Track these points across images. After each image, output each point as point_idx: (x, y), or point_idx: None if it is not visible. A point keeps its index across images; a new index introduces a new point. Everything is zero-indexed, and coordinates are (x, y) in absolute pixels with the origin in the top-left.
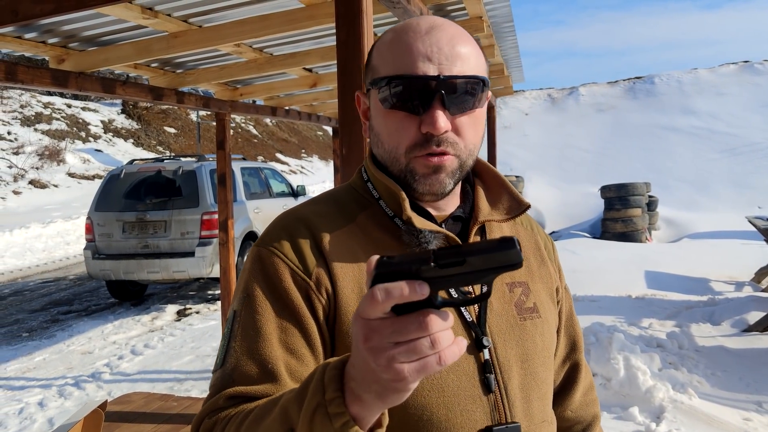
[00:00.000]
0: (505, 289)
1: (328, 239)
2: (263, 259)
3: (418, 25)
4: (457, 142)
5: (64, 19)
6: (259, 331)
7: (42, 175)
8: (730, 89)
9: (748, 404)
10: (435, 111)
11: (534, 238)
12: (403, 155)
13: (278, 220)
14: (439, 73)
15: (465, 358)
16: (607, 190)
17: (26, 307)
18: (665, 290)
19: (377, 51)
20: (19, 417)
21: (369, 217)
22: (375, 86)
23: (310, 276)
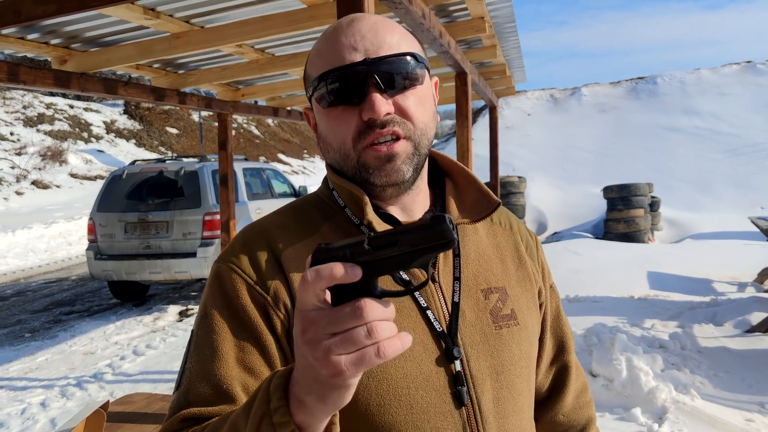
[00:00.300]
0: (480, 296)
1: (288, 252)
2: (221, 275)
3: (339, 23)
4: (405, 122)
5: (66, 20)
6: (215, 351)
7: (44, 175)
8: (733, 89)
9: (751, 405)
10: (371, 95)
11: (513, 239)
12: (351, 149)
13: (240, 233)
14: (366, 57)
15: (435, 370)
16: (610, 190)
17: (28, 308)
18: (668, 291)
19: (309, 60)
20: (21, 417)
21: (333, 227)
22: (311, 91)
23: (268, 291)
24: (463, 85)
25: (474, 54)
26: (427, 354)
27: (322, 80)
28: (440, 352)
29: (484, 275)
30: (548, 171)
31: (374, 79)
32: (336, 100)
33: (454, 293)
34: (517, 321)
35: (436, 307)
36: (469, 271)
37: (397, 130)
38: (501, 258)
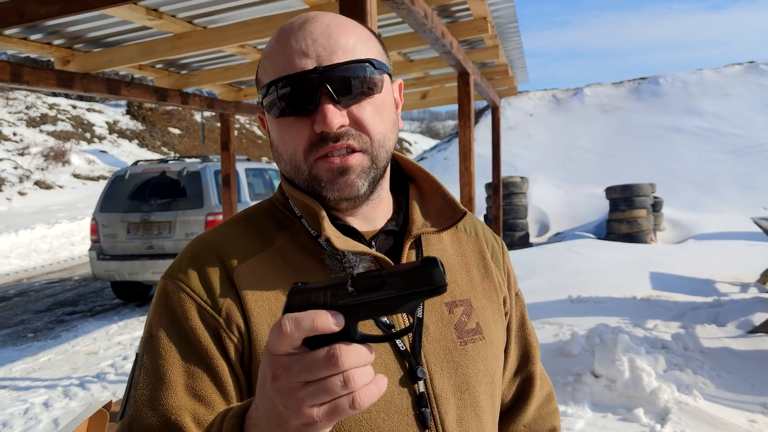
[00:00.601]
0: (444, 311)
1: (242, 268)
2: (168, 293)
3: (291, 23)
4: (361, 135)
5: (69, 21)
6: (162, 378)
7: (47, 176)
8: (736, 90)
9: (754, 406)
10: (323, 107)
11: (478, 246)
12: (303, 161)
13: (188, 246)
14: (318, 64)
15: (398, 392)
16: (612, 191)
17: (31, 308)
18: (670, 291)
19: (260, 63)
20: (24, 417)
21: (289, 239)
22: (261, 98)
23: (220, 312)
24: (466, 85)
25: (476, 54)
26: (389, 375)
27: (272, 88)
28: (403, 372)
29: (448, 288)
30: (550, 171)
31: (326, 89)
32: (287, 110)
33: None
34: (482, 335)
35: (400, 324)
36: None
37: (351, 144)
38: (466, 268)
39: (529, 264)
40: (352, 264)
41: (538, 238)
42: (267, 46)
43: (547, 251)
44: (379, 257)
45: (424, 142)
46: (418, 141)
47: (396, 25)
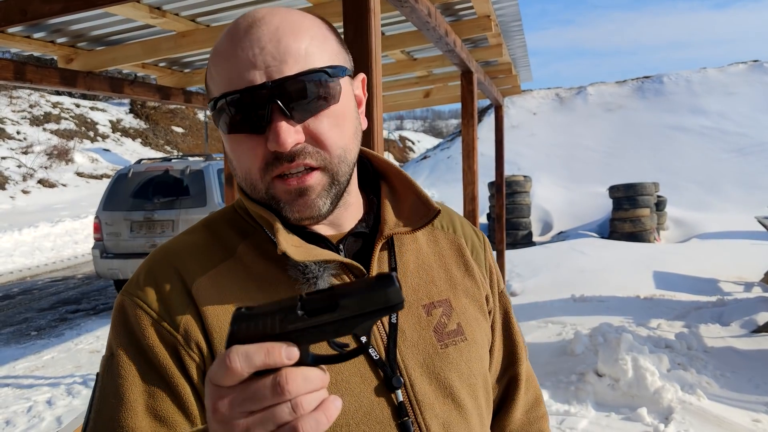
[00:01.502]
0: (422, 313)
1: (201, 280)
2: (125, 310)
3: (237, 26)
4: (319, 152)
5: (72, 19)
6: (122, 398)
7: (50, 174)
8: (740, 89)
9: (758, 405)
10: (275, 124)
11: (457, 243)
12: (259, 180)
13: (147, 258)
14: (267, 78)
15: (377, 402)
16: (616, 189)
17: (35, 306)
18: (674, 291)
19: (207, 69)
20: (27, 415)
21: (251, 247)
22: (210, 110)
23: (178, 329)
24: (469, 84)
25: (480, 53)
26: (365, 385)
27: (220, 102)
28: (379, 382)
29: (425, 289)
30: (554, 170)
31: (278, 105)
32: (235, 126)
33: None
34: (464, 336)
35: (372, 332)
36: (408, 286)
37: (308, 162)
38: (444, 267)
39: (532, 263)
40: (316, 274)
41: (541, 237)
42: (213, 47)
43: (550, 250)
44: (346, 263)
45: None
46: (421, 140)
47: (399, 23)
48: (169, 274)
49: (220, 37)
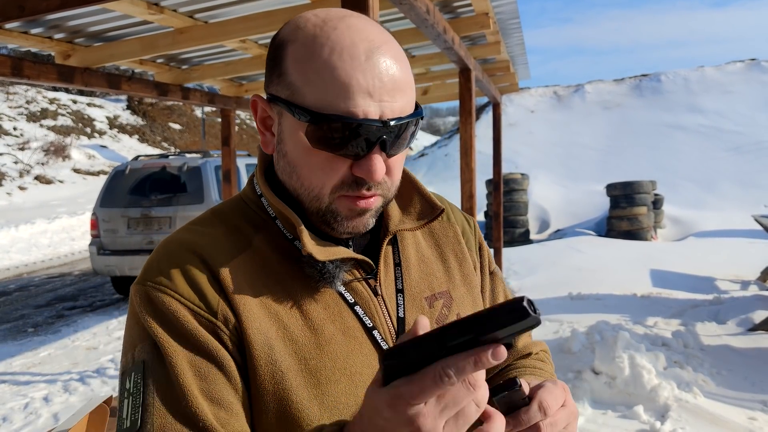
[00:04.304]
0: (425, 305)
1: (226, 270)
2: (154, 300)
3: (353, 46)
4: (387, 182)
5: (70, 15)
6: (178, 385)
7: (47, 170)
8: (737, 87)
9: (754, 403)
10: (374, 156)
11: (452, 231)
12: (326, 195)
13: (163, 250)
14: (381, 114)
15: None
16: (613, 188)
17: (31, 303)
18: (671, 289)
19: (296, 62)
20: (24, 412)
21: (265, 241)
22: (295, 114)
23: (216, 315)
24: (467, 81)
25: (478, 50)
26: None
27: (323, 120)
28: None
29: (427, 281)
30: (551, 168)
31: (384, 142)
32: (331, 147)
33: (399, 307)
34: None
35: (382, 325)
36: (411, 280)
37: (379, 192)
38: (442, 258)
39: (529, 261)
40: (332, 273)
41: (538, 235)
42: (314, 47)
43: (548, 248)
44: (359, 259)
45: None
46: (419, 137)
47: (398, 20)
48: (195, 263)
49: (328, 40)
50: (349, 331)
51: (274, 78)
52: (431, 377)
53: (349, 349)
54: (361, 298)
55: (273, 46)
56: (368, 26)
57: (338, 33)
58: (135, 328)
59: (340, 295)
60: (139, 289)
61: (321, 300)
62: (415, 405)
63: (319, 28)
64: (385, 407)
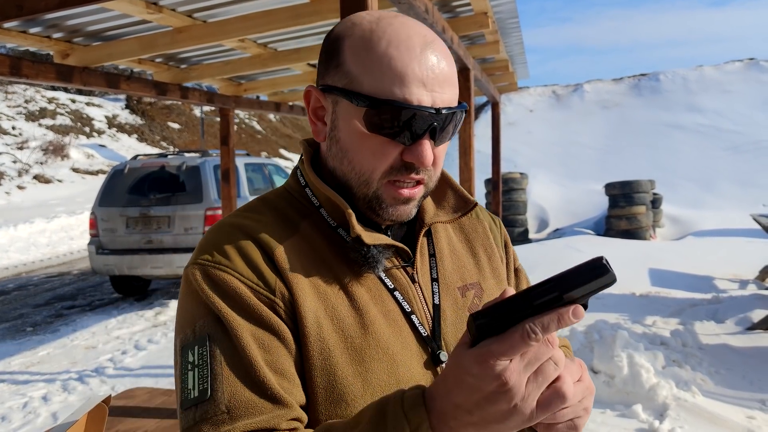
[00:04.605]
0: (458, 295)
1: (279, 252)
2: (214, 278)
3: (409, 39)
4: (431, 171)
5: (68, 14)
6: (245, 357)
7: (46, 170)
8: (736, 87)
9: (752, 402)
10: (424, 143)
11: (481, 228)
12: (376, 180)
13: (217, 233)
14: (433, 102)
15: (423, 374)
16: (612, 187)
17: (30, 302)
18: (669, 288)
19: (354, 53)
20: (23, 411)
21: (311, 227)
22: (353, 100)
23: (274, 293)
24: (466, 80)
25: (477, 50)
26: (415, 359)
27: (381, 105)
28: (427, 356)
29: (459, 272)
30: (550, 167)
31: (434, 129)
32: (385, 130)
33: (434, 295)
34: None
35: (419, 310)
36: (445, 270)
37: (424, 178)
38: (472, 252)
39: (527, 260)
40: (376, 257)
41: (537, 234)
42: (372, 38)
43: (546, 247)
44: (399, 247)
45: None
46: None
47: None
48: (250, 245)
49: (386, 32)
50: (389, 314)
51: (330, 69)
52: (519, 334)
53: (390, 331)
54: (400, 285)
55: (329, 41)
56: (419, 24)
57: (394, 28)
58: (194, 304)
59: (380, 280)
60: (198, 269)
61: (364, 284)
62: (502, 361)
63: (375, 24)
64: (474, 364)
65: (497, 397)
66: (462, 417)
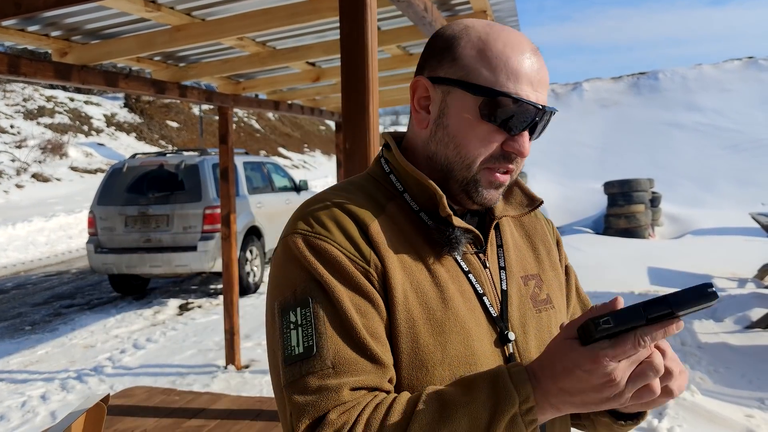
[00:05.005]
0: (521, 283)
1: (373, 227)
2: (315, 247)
3: (522, 45)
4: (520, 164)
5: (66, 12)
6: (345, 319)
7: (45, 168)
8: (735, 85)
9: (751, 401)
10: (526, 135)
11: (539, 225)
12: (476, 164)
13: (315, 206)
14: (537, 100)
15: (492, 352)
16: (611, 186)
17: (29, 301)
18: (668, 286)
19: (472, 49)
20: (21, 410)
21: (396, 208)
22: (469, 90)
23: (369, 263)
24: None
25: None
26: (486, 336)
27: (501, 98)
28: (496, 335)
29: (521, 263)
30: (549, 166)
31: (535, 124)
32: (495, 119)
33: (502, 281)
34: (552, 305)
35: (490, 293)
36: (510, 260)
37: (514, 169)
38: (532, 246)
39: None
40: (459, 239)
41: None
42: (489, 39)
43: None
44: (475, 234)
45: None
46: None
47: (395, 18)
48: (346, 219)
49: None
50: (465, 293)
51: (445, 63)
52: (631, 342)
53: (466, 309)
54: (474, 268)
55: (442, 39)
56: (524, 35)
57: (507, 33)
58: (295, 270)
59: (457, 262)
60: (300, 238)
61: (443, 264)
62: (613, 362)
63: (490, 27)
64: (588, 361)
65: (602, 388)
66: (563, 397)
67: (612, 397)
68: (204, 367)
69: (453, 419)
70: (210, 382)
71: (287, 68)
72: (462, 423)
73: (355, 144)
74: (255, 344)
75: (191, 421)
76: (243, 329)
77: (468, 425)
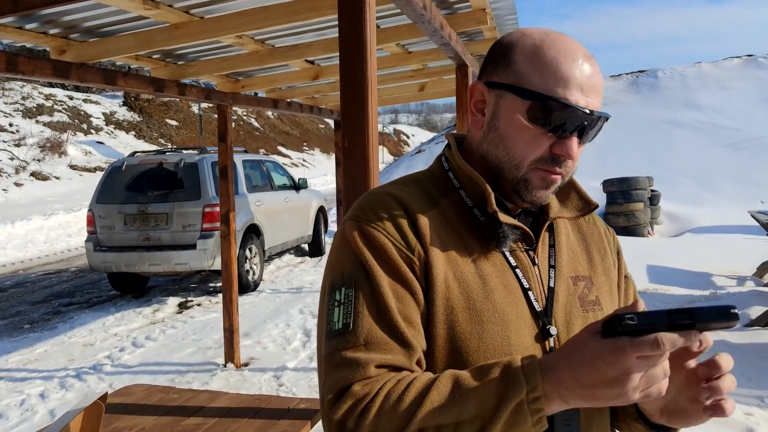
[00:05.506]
0: (570, 283)
1: (422, 220)
2: (366, 233)
3: (575, 51)
4: (570, 167)
5: (64, 10)
6: (383, 302)
7: (43, 167)
8: (734, 83)
9: (750, 399)
10: (574, 139)
11: (597, 231)
12: (525, 165)
13: (374, 197)
14: (587, 105)
15: (532, 344)
16: (610, 184)
17: (28, 299)
18: (667, 284)
19: (525, 56)
20: (20, 408)
21: (450, 204)
22: (520, 94)
23: (413, 252)
24: (464, 77)
25: (475, 46)
26: (527, 329)
27: (550, 102)
28: (538, 329)
29: (573, 265)
30: None
31: (583, 129)
32: (545, 123)
33: (550, 279)
34: (601, 307)
35: (536, 289)
36: (561, 260)
37: (563, 172)
38: (586, 250)
39: None
40: (506, 234)
41: None
42: (542, 46)
43: None
44: (525, 232)
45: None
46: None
47: (394, 16)
48: (399, 211)
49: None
50: (509, 286)
51: (500, 69)
52: (650, 341)
53: (507, 301)
54: (522, 264)
55: (501, 46)
56: (579, 42)
57: (562, 41)
58: (347, 253)
59: (505, 257)
60: (355, 224)
61: (490, 258)
62: (633, 357)
63: (545, 35)
64: (610, 353)
65: (616, 382)
66: (575, 388)
67: (622, 393)
68: (203, 365)
69: (463, 401)
70: (209, 380)
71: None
72: (470, 405)
73: (354, 142)
74: (254, 342)
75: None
76: (242, 327)
77: (476, 408)
